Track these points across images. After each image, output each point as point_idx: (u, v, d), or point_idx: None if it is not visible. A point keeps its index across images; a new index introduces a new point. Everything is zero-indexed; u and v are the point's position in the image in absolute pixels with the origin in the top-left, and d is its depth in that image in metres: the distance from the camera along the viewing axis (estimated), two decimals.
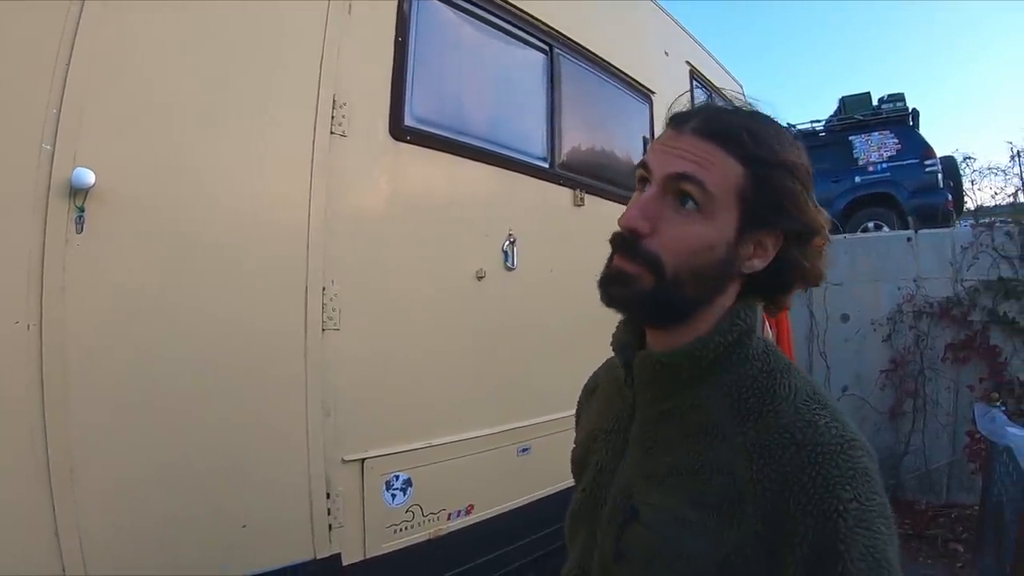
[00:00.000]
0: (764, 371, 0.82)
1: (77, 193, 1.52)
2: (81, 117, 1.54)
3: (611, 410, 0.96)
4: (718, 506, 0.75)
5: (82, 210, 1.53)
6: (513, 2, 2.76)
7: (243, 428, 1.82)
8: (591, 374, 1.17)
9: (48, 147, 1.50)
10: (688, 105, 0.91)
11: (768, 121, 0.86)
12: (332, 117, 2.05)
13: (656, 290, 0.80)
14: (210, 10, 1.82)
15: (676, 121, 0.85)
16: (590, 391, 1.13)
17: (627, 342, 0.93)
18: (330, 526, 1.97)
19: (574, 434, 1.14)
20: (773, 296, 0.90)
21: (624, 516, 0.84)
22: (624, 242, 0.83)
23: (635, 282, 0.81)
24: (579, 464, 1.01)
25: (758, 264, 0.84)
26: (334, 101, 2.06)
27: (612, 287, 0.84)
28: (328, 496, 1.97)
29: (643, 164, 0.85)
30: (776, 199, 0.82)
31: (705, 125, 0.82)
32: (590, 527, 0.90)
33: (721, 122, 0.83)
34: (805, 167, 0.85)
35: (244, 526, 1.79)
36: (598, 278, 0.87)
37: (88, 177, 1.52)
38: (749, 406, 0.79)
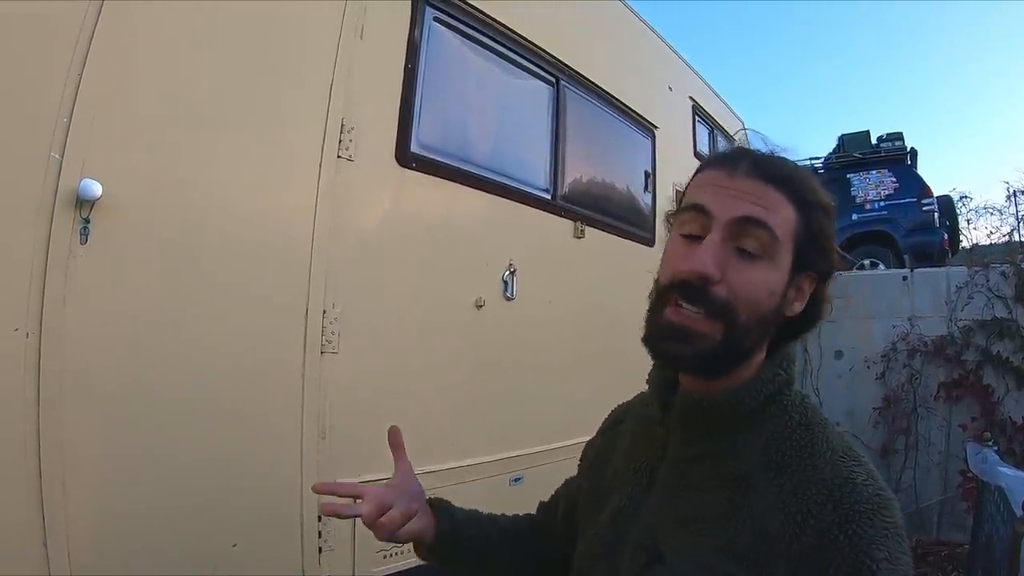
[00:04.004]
0: (802, 424, 0.81)
1: (83, 204, 1.52)
2: (91, 129, 1.55)
3: (639, 448, 0.94)
4: (748, 558, 0.74)
5: (87, 221, 1.53)
6: (522, 33, 2.81)
7: (238, 446, 1.81)
8: (619, 404, 1.14)
9: (57, 156, 1.50)
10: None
11: (795, 163, 0.85)
12: (340, 141, 2.07)
13: (724, 343, 0.77)
14: (223, 28, 1.84)
15: (723, 163, 0.83)
16: (616, 421, 1.10)
17: (665, 380, 0.90)
18: (320, 548, 1.96)
19: (581, 457, 1.13)
20: (793, 337, 0.89)
21: (647, 558, 0.82)
22: (690, 289, 0.78)
23: (702, 339, 0.77)
24: (592, 503, 0.98)
25: (798, 307, 0.84)
26: (342, 125, 2.08)
27: (674, 344, 0.79)
28: (320, 519, 1.96)
29: (697, 207, 0.81)
30: (821, 242, 0.82)
31: (760, 167, 0.80)
32: (609, 567, 0.87)
33: (773, 165, 0.82)
34: (834, 207, 0.85)
35: (234, 545, 1.77)
36: (648, 333, 0.83)
37: (95, 189, 1.52)
38: (786, 459, 0.78)
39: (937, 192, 8.79)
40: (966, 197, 9.48)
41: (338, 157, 2.07)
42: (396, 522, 0.97)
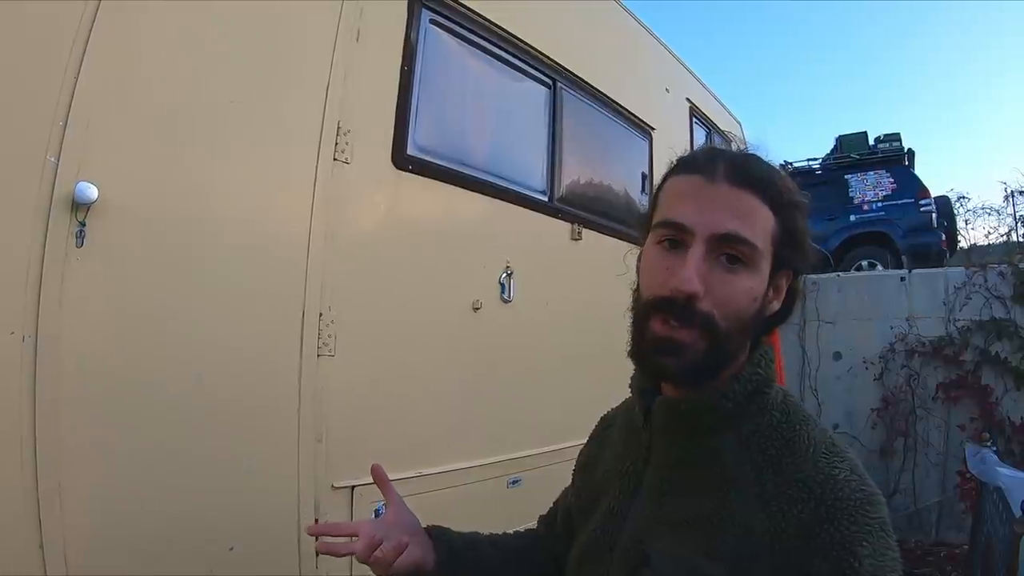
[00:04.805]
0: (783, 422, 0.81)
1: (79, 208, 1.52)
2: (87, 132, 1.54)
3: (626, 453, 0.94)
4: (732, 559, 0.74)
5: (83, 225, 1.53)
6: (518, 35, 2.81)
7: (235, 449, 1.81)
8: (609, 409, 1.15)
9: (53, 159, 1.49)
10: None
11: (767, 161, 0.85)
12: (336, 143, 2.07)
13: (708, 352, 0.78)
14: (220, 30, 1.84)
15: (699, 168, 0.82)
16: (605, 427, 1.11)
17: (646, 386, 0.91)
18: (317, 552, 1.95)
19: (575, 464, 1.13)
20: (769, 331, 0.89)
21: (635, 561, 0.82)
22: (675, 305, 0.78)
23: (688, 350, 0.78)
24: (584, 508, 0.99)
25: (776, 305, 0.84)
26: (338, 127, 2.08)
27: (661, 358, 0.80)
28: (316, 522, 1.95)
29: (677, 223, 0.80)
30: (797, 240, 0.82)
31: (737, 172, 0.80)
32: (599, 571, 0.88)
33: (750, 168, 0.81)
34: (807, 205, 0.85)
35: (231, 549, 1.77)
36: (635, 347, 0.83)
37: (91, 192, 1.51)
38: (768, 457, 0.78)
39: (935, 193, 8.81)
40: (964, 197, 9.53)
41: (334, 160, 2.06)
42: (389, 557, 0.98)
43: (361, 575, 2.04)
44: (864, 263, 8.48)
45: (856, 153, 9.51)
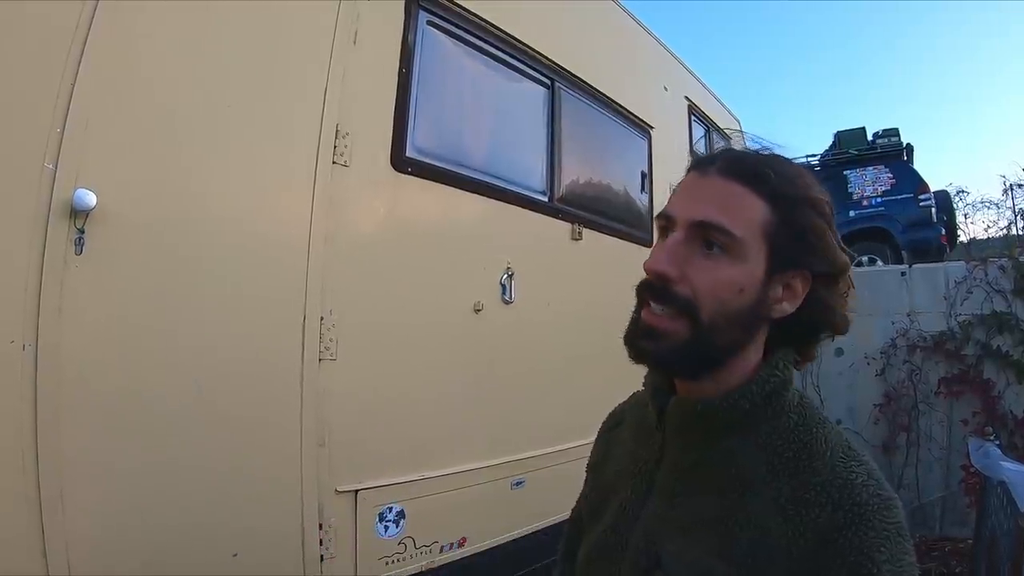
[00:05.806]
0: (800, 424, 0.80)
1: (78, 215, 1.52)
2: (85, 138, 1.54)
3: (637, 452, 0.93)
4: (746, 562, 0.73)
5: (82, 232, 1.53)
6: (516, 36, 2.80)
7: (237, 455, 1.81)
8: (616, 406, 1.14)
9: (51, 167, 1.49)
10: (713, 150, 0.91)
11: (788, 160, 0.85)
12: (335, 147, 2.07)
13: (692, 340, 0.78)
14: (218, 35, 1.84)
15: (699, 165, 0.84)
16: (614, 424, 1.10)
17: (659, 386, 0.90)
18: (321, 557, 1.95)
19: (587, 463, 1.12)
20: (802, 344, 0.88)
21: (647, 563, 0.81)
22: (653, 289, 0.80)
23: (668, 337, 0.79)
24: (595, 508, 0.98)
25: (788, 308, 0.82)
26: (337, 130, 2.07)
27: (642, 341, 0.81)
28: (320, 527, 1.95)
29: (664, 212, 0.83)
30: (803, 237, 0.81)
31: (729, 165, 0.81)
32: (610, 571, 0.87)
33: (745, 161, 0.82)
34: (829, 203, 0.84)
35: (235, 555, 1.77)
36: (626, 333, 0.84)
37: (89, 199, 1.51)
38: (784, 460, 0.77)
39: (934, 187, 8.80)
40: (963, 192, 9.53)
41: (333, 163, 2.06)
42: None
43: None
44: (864, 259, 8.45)
45: (855, 149, 9.49)
